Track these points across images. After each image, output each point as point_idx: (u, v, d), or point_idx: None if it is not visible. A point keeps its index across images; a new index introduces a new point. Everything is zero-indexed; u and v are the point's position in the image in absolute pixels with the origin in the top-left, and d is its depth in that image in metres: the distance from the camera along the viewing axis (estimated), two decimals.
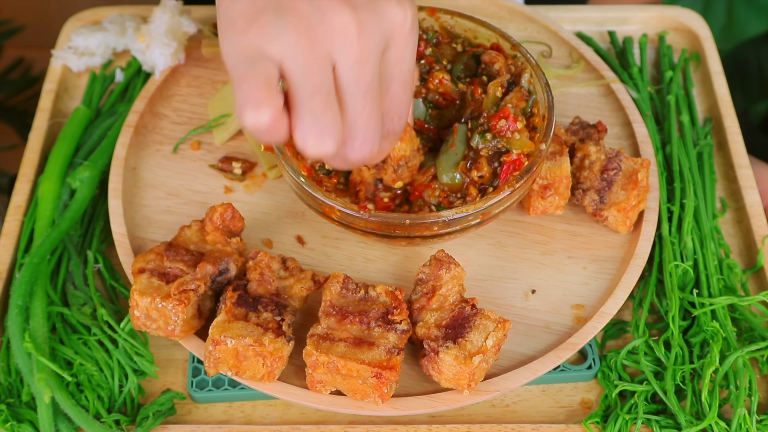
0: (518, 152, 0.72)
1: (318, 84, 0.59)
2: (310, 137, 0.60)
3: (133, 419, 0.72)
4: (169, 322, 0.69)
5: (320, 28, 0.58)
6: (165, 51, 0.90)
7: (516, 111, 0.75)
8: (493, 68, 0.78)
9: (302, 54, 0.58)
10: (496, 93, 0.76)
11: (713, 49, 0.96)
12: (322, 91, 0.59)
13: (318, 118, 0.59)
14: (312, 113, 0.59)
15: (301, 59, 0.58)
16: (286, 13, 0.58)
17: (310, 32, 0.58)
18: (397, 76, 0.63)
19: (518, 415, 0.73)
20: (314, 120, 0.59)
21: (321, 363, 0.66)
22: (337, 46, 0.59)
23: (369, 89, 0.61)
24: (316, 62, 0.58)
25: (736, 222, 0.85)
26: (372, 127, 0.62)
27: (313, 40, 0.58)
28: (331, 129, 0.60)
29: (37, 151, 0.87)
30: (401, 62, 0.63)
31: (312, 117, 0.59)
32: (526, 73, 0.77)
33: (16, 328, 0.72)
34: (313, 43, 0.58)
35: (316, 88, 0.59)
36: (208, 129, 0.88)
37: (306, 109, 0.59)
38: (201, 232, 0.75)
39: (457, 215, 0.70)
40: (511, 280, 0.78)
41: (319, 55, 0.58)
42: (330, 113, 0.60)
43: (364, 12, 0.59)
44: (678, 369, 0.73)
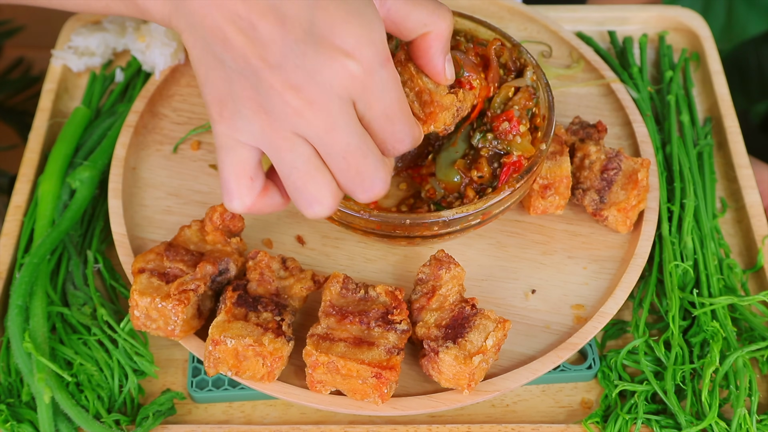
0: (519, 154, 0.72)
1: (291, 161, 0.60)
2: (300, 207, 0.62)
3: (133, 419, 0.72)
4: (169, 322, 0.69)
5: (276, 114, 0.59)
6: (165, 51, 0.90)
7: (522, 113, 0.74)
8: (499, 61, 0.78)
9: (269, 138, 0.60)
10: (509, 93, 0.76)
11: (713, 49, 0.96)
12: (298, 167, 0.60)
13: (302, 192, 0.61)
14: (294, 189, 0.61)
15: (270, 143, 0.60)
16: (244, 103, 0.59)
17: (269, 118, 0.59)
18: (377, 116, 0.62)
19: (518, 415, 0.73)
20: (299, 194, 0.62)
21: (321, 363, 0.66)
22: (296, 125, 0.59)
23: (347, 150, 0.61)
24: (285, 143, 0.60)
25: (736, 222, 0.85)
26: (366, 174, 0.62)
27: (274, 124, 0.59)
28: (317, 197, 0.61)
29: (37, 151, 0.87)
30: (375, 103, 0.61)
31: (296, 192, 0.62)
32: (529, 69, 0.77)
33: (16, 328, 0.72)
34: (275, 127, 0.59)
35: (290, 166, 0.60)
36: (208, 129, 0.88)
37: (288, 185, 0.62)
38: (201, 232, 0.75)
39: (457, 215, 0.70)
40: (511, 280, 0.78)
41: (285, 136, 0.60)
42: (311, 183, 0.61)
43: (307, 87, 0.58)
44: (678, 369, 0.73)
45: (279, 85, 0.58)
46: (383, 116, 0.62)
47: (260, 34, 0.58)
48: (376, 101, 0.61)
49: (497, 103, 0.75)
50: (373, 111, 0.62)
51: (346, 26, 0.59)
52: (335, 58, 0.58)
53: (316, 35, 0.58)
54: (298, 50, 0.58)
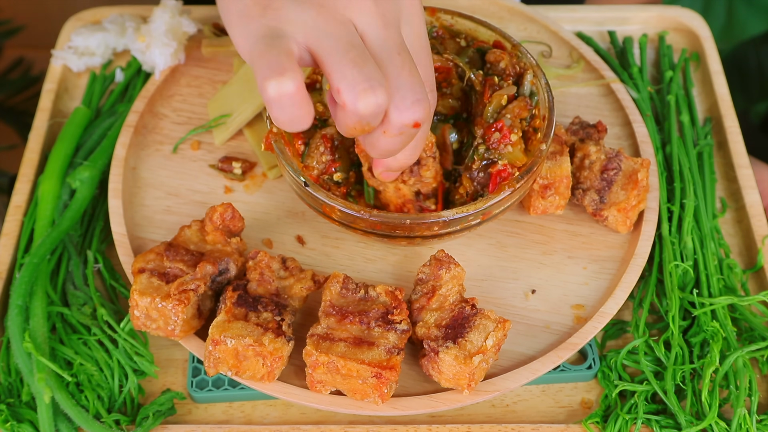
0: (504, 163, 0.72)
1: (350, 41, 0.57)
2: (359, 87, 0.57)
3: (133, 419, 0.72)
4: (169, 322, 0.69)
5: (337, 2, 0.58)
6: (165, 51, 0.90)
7: (514, 122, 0.74)
8: (499, 66, 0.78)
9: (325, 22, 0.57)
10: (501, 102, 0.75)
11: (713, 49, 0.96)
12: (357, 46, 0.57)
13: (362, 69, 0.56)
14: (354, 65, 0.56)
15: (326, 26, 0.57)
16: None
17: (328, 4, 0.58)
18: (420, 50, 0.63)
19: (518, 415, 0.73)
20: (358, 70, 0.56)
21: (321, 363, 0.66)
22: (357, 13, 0.58)
23: (402, 48, 0.59)
24: (341, 27, 0.58)
25: (736, 222, 0.85)
26: (417, 83, 0.59)
27: (332, 10, 0.58)
28: (378, 78, 0.57)
29: (37, 151, 0.87)
30: (419, 35, 0.63)
31: (355, 68, 0.56)
32: (528, 74, 0.77)
33: (16, 328, 0.72)
34: (334, 14, 0.58)
35: (349, 43, 0.57)
36: (208, 129, 0.88)
37: (345, 63, 0.57)
38: (201, 232, 0.75)
39: (457, 215, 0.70)
40: (511, 280, 0.78)
41: (342, 21, 0.58)
42: (371, 63, 0.57)
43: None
44: (678, 369, 0.73)
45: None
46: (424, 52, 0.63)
47: None
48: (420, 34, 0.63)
49: (489, 112, 0.75)
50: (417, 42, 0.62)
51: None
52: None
53: None
54: None
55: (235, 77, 0.88)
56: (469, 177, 0.74)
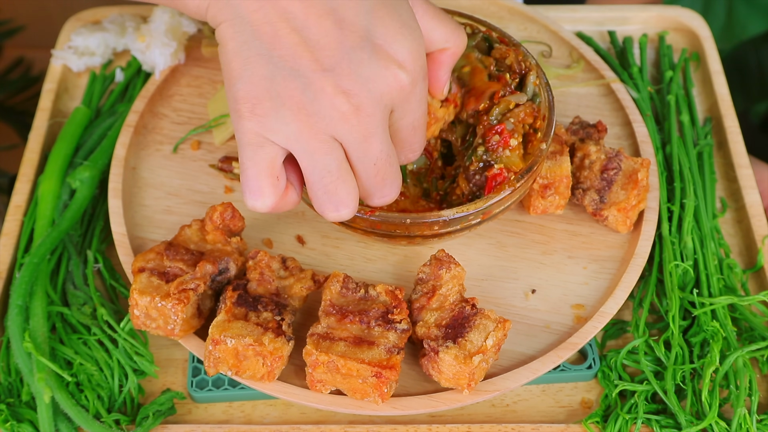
0: (500, 167, 0.72)
1: (326, 164, 0.61)
2: (326, 210, 0.64)
3: (133, 419, 0.72)
4: (169, 321, 0.69)
5: (320, 116, 0.59)
6: (165, 51, 0.90)
7: (516, 126, 0.74)
8: (505, 63, 0.78)
9: (305, 140, 0.60)
10: (509, 106, 0.75)
11: (713, 49, 0.96)
12: (331, 170, 0.61)
13: (330, 196, 0.62)
14: (325, 191, 0.62)
15: (306, 145, 0.60)
16: (284, 103, 0.59)
17: (310, 120, 0.59)
18: (405, 127, 0.65)
19: (518, 415, 0.73)
20: (328, 197, 0.63)
21: (321, 362, 0.66)
22: (338, 129, 0.60)
23: (379, 158, 0.62)
24: (321, 147, 0.60)
25: (736, 222, 0.85)
26: (388, 183, 0.65)
27: (314, 127, 0.59)
28: (345, 201, 0.63)
29: (37, 151, 0.87)
30: (408, 114, 0.64)
31: (326, 195, 0.62)
32: (531, 74, 0.76)
33: (16, 328, 0.72)
34: (315, 130, 0.60)
35: (325, 169, 0.61)
36: (208, 129, 0.88)
37: (318, 188, 0.62)
38: (201, 232, 0.75)
39: (457, 215, 0.70)
40: (511, 279, 0.78)
41: (323, 139, 0.60)
42: (342, 187, 0.62)
43: (359, 95, 0.59)
44: (678, 369, 0.73)
45: (330, 88, 0.58)
46: (411, 126, 0.65)
47: (316, 35, 0.58)
48: (411, 112, 0.63)
49: (495, 114, 0.75)
50: (405, 121, 0.64)
51: (400, 37, 0.60)
52: (389, 67, 0.60)
53: (372, 43, 0.59)
54: (354, 56, 0.59)
55: None
56: (466, 178, 0.74)
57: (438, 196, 0.78)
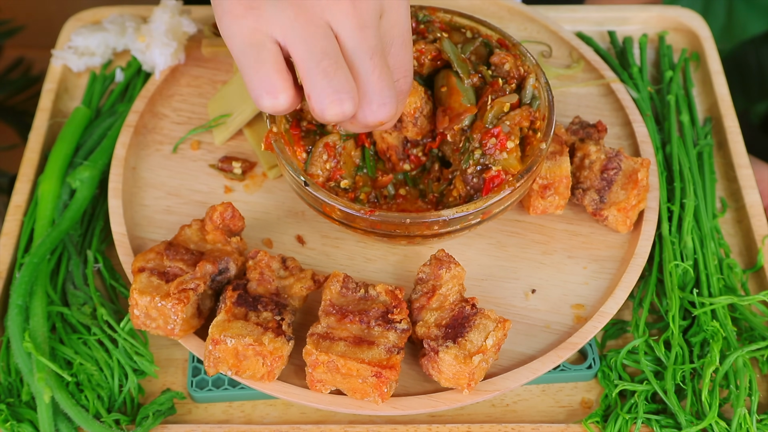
0: (498, 169, 0.72)
1: (324, 48, 0.60)
2: (327, 99, 0.60)
3: (133, 419, 0.72)
4: (169, 321, 0.69)
5: (315, 3, 0.59)
6: (165, 51, 0.90)
7: (512, 129, 0.74)
8: (503, 68, 0.78)
9: (302, 26, 0.59)
10: (503, 108, 0.75)
11: (713, 49, 0.96)
12: (330, 54, 0.60)
13: (331, 79, 0.60)
14: (324, 75, 0.60)
15: (302, 30, 0.59)
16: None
17: (306, 5, 0.59)
18: (397, 37, 0.64)
19: (518, 415, 0.73)
20: (328, 81, 0.60)
21: (321, 362, 0.66)
22: (334, 15, 0.60)
23: (375, 52, 0.62)
24: (317, 30, 0.59)
25: (736, 222, 0.85)
26: (386, 86, 0.63)
27: (310, 12, 0.59)
28: (346, 88, 0.60)
29: (37, 151, 0.87)
30: (398, 23, 0.64)
31: (325, 79, 0.60)
32: (531, 77, 0.76)
33: (16, 327, 0.72)
34: (311, 15, 0.59)
35: (323, 52, 0.60)
36: (208, 129, 0.88)
37: (317, 72, 0.60)
38: (201, 232, 0.75)
39: (458, 214, 0.70)
40: (511, 279, 0.78)
41: (319, 24, 0.59)
42: (342, 73, 0.60)
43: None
44: (678, 369, 0.73)
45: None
46: (400, 40, 0.64)
47: None
48: (399, 23, 0.63)
49: (490, 117, 0.75)
50: (394, 31, 0.63)
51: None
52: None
53: None
54: None
55: (235, 77, 0.88)
56: (463, 180, 0.74)
57: (434, 198, 0.78)
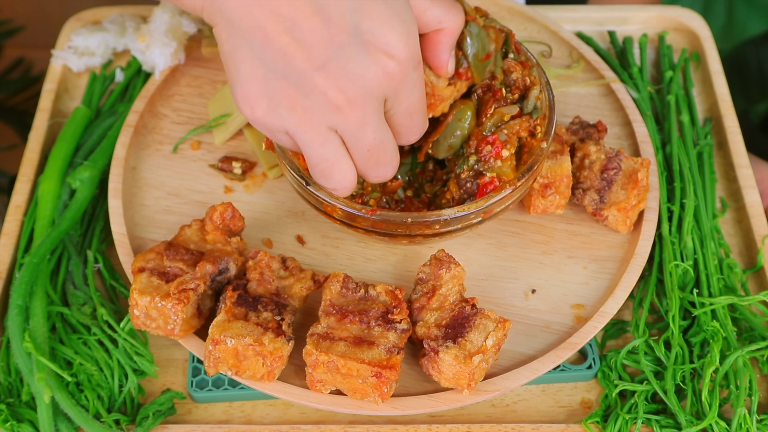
0: (492, 176, 0.72)
1: (320, 154, 0.65)
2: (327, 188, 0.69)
3: (133, 419, 0.72)
4: (169, 321, 0.69)
5: (314, 111, 0.62)
6: (165, 51, 0.90)
7: (510, 138, 0.74)
8: (510, 77, 0.77)
9: (303, 132, 0.64)
10: (503, 118, 0.74)
11: (713, 49, 0.96)
12: (326, 158, 0.65)
13: (327, 179, 0.67)
14: (321, 175, 0.67)
15: (303, 136, 0.64)
16: (280, 102, 0.62)
17: (306, 115, 0.63)
18: (403, 113, 0.66)
19: (518, 415, 0.73)
20: (325, 180, 0.67)
21: (321, 362, 0.66)
22: (332, 120, 0.63)
23: (372, 147, 0.65)
24: (316, 138, 0.64)
25: (736, 222, 0.85)
26: (382, 162, 0.68)
27: (310, 120, 0.63)
28: (340, 182, 0.67)
29: (37, 151, 0.87)
30: (403, 102, 0.65)
31: (322, 178, 0.67)
32: (535, 89, 0.75)
33: (16, 327, 0.72)
34: (311, 123, 0.63)
35: (319, 157, 0.65)
36: (208, 129, 0.88)
37: (315, 172, 0.67)
38: (201, 232, 0.75)
39: (458, 213, 0.70)
40: (511, 279, 0.78)
41: (319, 131, 0.64)
42: (337, 171, 0.66)
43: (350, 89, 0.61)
44: (678, 369, 0.73)
45: (322, 84, 0.61)
46: (406, 112, 0.67)
47: (305, 35, 0.60)
48: (405, 99, 0.65)
49: (488, 125, 0.74)
50: (400, 107, 0.66)
51: (388, 27, 0.61)
52: (377, 60, 0.62)
53: (360, 38, 0.61)
54: (343, 54, 0.60)
55: None
56: (457, 183, 0.74)
57: (426, 199, 0.78)
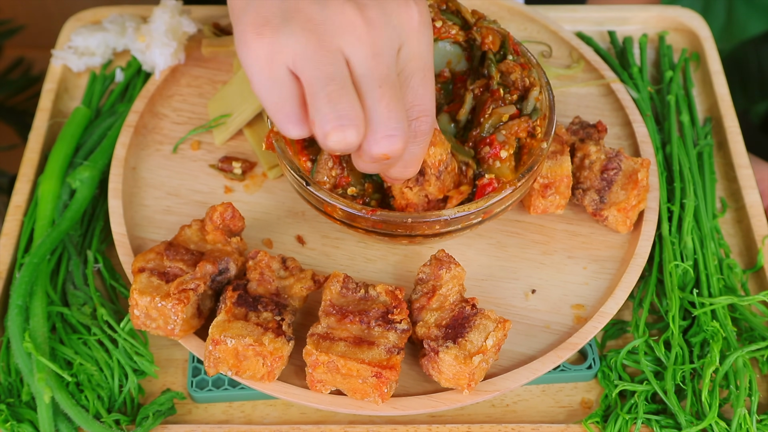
0: (490, 177, 0.72)
1: (331, 73, 0.58)
2: (329, 124, 0.58)
3: (133, 419, 0.72)
4: (169, 321, 0.69)
5: (328, 25, 0.58)
6: (165, 51, 0.90)
7: (508, 139, 0.74)
8: (509, 78, 0.77)
9: (312, 50, 0.58)
10: (501, 118, 0.74)
11: (713, 49, 0.96)
12: (336, 79, 0.58)
13: (335, 105, 0.58)
14: (328, 100, 0.58)
15: (312, 54, 0.58)
16: (294, 17, 0.58)
17: (319, 30, 0.58)
18: (415, 72, 0.63)
19: (518, 415, 0.73)
20: (332, 107, 0.58)
21: (321, 362, 0.66)
22: (347, 41, 0.58)
23: (385, 81, 0.59)
24: (327, 55, 0.58)
25: (736, 222, 0.85)
26: (393, 117, 0.60)
27: (323, 36, 0.58)
28: (350, 115, 0.58)
29: (37, 151, 0.87)
30: (417, 57, 0.62)
31: (329, 104, 0.58)
32: (534, 90, 0.75)
33: (16, 328, 0.72)
34: (323, 40, 0.58)
35: (329, 76, 0.58)
36: (208, 129, 0.88)
37: (321, 97, 0.58)
38: (201, 232, 0.75)
39: (459, 214, 0.70)
40: (511, 280, 0.78)
41: (329, 49, 0.58)
42: (347, 100, 0.58)
43: (371, 9, 0.59)
44: (678, 369, 0.73)
45: None
46: (420, 75, 0.62)
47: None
48: (418, 57, 0.62)
49: (487, 126, 0.74)
50: (412, 65, 0.62)
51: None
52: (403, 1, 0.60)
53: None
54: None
55: (235, 77, 0.88)
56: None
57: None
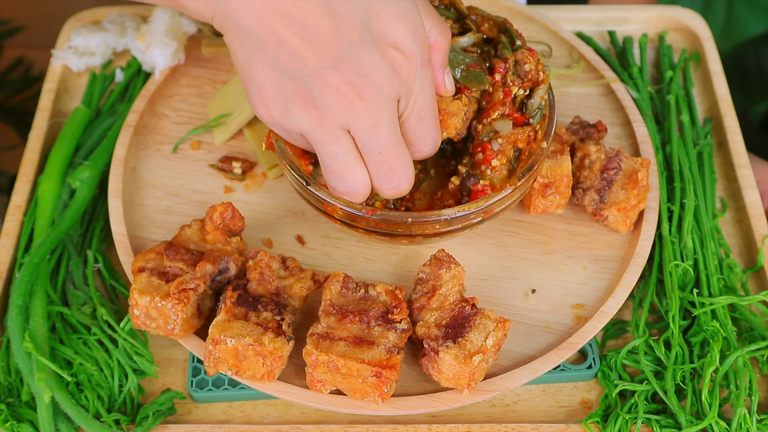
0: (483, 183, 0.73)
1: (332, 153, 0.65)
2: (339, 192, 0.68)
3: (133, 419, 0.72)
4: (169, 321, 0.69)
5: (326, 107, 0.63)
6: (165, 51, 0.90)
7: (504, 146, 0.73)
8: (524, 67, 0.76)
9: (316, 132, 0.64)
10: (493, 129, 0.74)
11: (713, 49, 0.96)
12: (338, 158, 0.65)
13: (340, 182, 0.67)
14: (334, 176, 0.67)
15: (316, 136, 0.64)
16: (293, 101, 0.63)
17: (319, 113, 0.63)
18: (414, 116, 0.67)
19: (518, 415, 0.73)
20: (337, 182, 0.67)
21: (321, 362, 0.66)
22: (345, 119, 0.63)
23: (384, 146, 0.65)
24: (328, 137, 0.64)
25: (736, 222, 0.85)
26: (396, 175, 0.67)
27: (323, 119, 0.63)
28: (354, 186, 0.67)
29: (37, 151, 0.87)
30: (414, 102, 0.66)
31: (335, 180, 0.67)
32: (540, 89, 0.75)
33: (16, 327, 0.72)
34: (324, 122, 0.63)
35: (331, 156, 0.65)
36: (208, 129, 0.88)
37: (328, 173, 0.67)
38: (201, 232, 0.75)
39: (459, 213, 0.70)
40: (511, 279, 0.78)
41: (331, 130, 0.64)
42: (351, 174, 0.66)
43: (361, 83, 0.62)
44: (678, 369, 0.73)
45: (334, 81, 0.62)
46: (418, 115, 0.67)
47: (316, 36, 0.61)
48: (416, 99, 0.66)
49: (485, 132, 0.74)
50: (411, 109, 0.66)
51: (398, 26, 0.63)
52: (387, 56, 0.62)
53: (370, 36, 0.62)
54: (354, 51, 0.61)
55: (235, 77, 0.88)
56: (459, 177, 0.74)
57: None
